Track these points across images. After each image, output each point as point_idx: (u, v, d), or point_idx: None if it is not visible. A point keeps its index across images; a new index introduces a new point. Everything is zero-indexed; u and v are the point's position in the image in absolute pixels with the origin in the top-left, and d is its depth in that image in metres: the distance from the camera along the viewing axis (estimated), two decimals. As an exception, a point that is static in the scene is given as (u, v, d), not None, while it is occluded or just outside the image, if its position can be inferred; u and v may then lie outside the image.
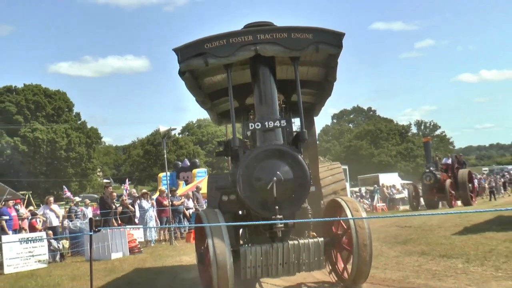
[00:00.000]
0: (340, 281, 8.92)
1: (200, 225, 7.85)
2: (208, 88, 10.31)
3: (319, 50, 8.12)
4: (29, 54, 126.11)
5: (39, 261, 15.72)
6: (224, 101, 11.08)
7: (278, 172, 7.63)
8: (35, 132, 70.87)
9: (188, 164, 37.71)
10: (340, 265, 9.01)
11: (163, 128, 24.07)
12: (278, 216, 7.55)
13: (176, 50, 7.97)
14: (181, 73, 8.22)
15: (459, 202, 29.41)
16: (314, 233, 8.55)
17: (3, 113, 70.99)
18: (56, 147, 72.20)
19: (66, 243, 18.22)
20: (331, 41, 8.10)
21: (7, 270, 14.91)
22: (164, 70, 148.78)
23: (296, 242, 7.88)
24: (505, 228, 13.61)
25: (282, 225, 7.74)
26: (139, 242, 19.02)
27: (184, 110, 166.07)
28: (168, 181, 26.74)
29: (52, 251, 16.96)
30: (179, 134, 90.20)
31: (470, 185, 30.29)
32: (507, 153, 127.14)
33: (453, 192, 28.78)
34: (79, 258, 16.51)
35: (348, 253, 8.47)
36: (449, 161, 32.24)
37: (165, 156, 23.69)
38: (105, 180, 37.98)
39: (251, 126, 8.16)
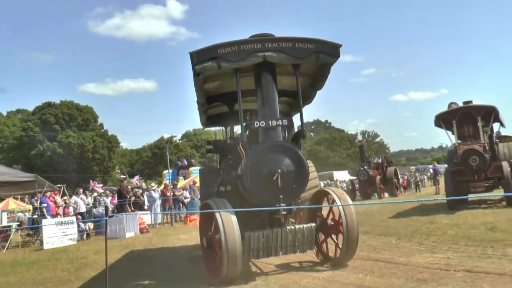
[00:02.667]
0: (326, 260, 8.25)
1: (208, 211, 7.18)
2: (207, 92, 9.33)
3: (319, 59, 7.52)
4: (64, 77, 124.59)
5: (70, 239, 15.72)
6: (215, 106, 10.36)
7: (282, 165, 7.11)
8: (69, 138, 70.06)
9: (186, 163, 37.51)
10: (325, 246, 8.37)
11: (166, 136, 24.28)
12: (282, 204, 7.09)
13: (192, 54, 7.16)
14: (196, 74, 7.42)
15: (387, 194, 29.44)
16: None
17: (44, 123, 70.06)
18: (84, 150, 71.47)
19: (91, 225, 18.21)
20: (330, 51, 7.54)
21: (46, 246, 14.92)
22: (168, 90, 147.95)
23: (292, 227, 7.40)
24: (426, 213, 13.92)
25: (285, 211, 7.36)
26: (147, 224, 18.98)
27: (183, 122, 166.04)
28: (170, 177, 26.77)
29: (80, 231, 16.95)
30: (179, 140, 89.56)
31: (396, 180, 30.53)
32: (428, 156, 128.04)
33: (382, 186, 29.02)
34: (100, 237, 16.51)
35: (336, 236, 7.93)
36: (380, 160, 32.26)
37: (168, 157, 23.87)
38: (121, 176, 37.59)
39: (256, 124, 7.44)
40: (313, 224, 7.66)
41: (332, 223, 8.01)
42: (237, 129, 11.36)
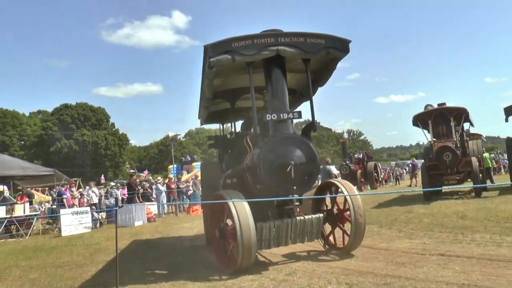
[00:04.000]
0: (331, 249, 7.71)
1: (221, 201, 6.48)
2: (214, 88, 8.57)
3: (329, 54, 7.03)
4: (79, 81, 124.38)
5: (85, 227, 15.68)
6: (217, 103, 9.66)
7: (295, 157, 6.63)
8: (84, 136, 70.05)
9: (189, 159, 37.45)
10: (330, 235, 7.82)
11: (171, 134, 24.26)
12: (295, 195, 6.67)
13: (206, 47, 6.60)
14: (210, 67, 6.75)
15: (368, 187, 29.27)
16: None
17: (62, 123, 69.99)
18: (98, 147, 71.46)
19: (103, 215, 18.20)
20: (340, 46, 7.05)
21: (63, 233, 14.88)
22: (173, 93, 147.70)
23: (302, 217, 6.88)
24: (405, 204, 13.86)
25: (298, 202, 6.98)
26: (154, 214, 18.94)
27: (186, 121, 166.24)
28: (175, 171, 26.70)
29: (94, 220, 16.92)
30: (182, 138, 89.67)
31: (375, 174, 30.43)
32: (407, 152, 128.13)
33: (363, 179, 28.93)
34: (112, 225, 16.45)
35: (342, 225, 7.51)
36: (361, 156, 31.97)
37: (173, 153, 23.76)
38: (131, 170, 37.55)
39: (268, 117, 6.86)
40: (321, 215, 7.20)
41: (337, 212, 7.60)
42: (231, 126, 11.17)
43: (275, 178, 6.62)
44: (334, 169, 18.88)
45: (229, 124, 10.99)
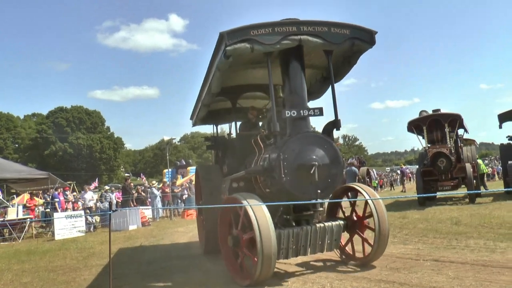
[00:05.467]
0: (349, 259, 7.03)
1: (237, 205, 5.71)
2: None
3: (354, 45, 6.38)
4: (75, 84, 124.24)
5: (79, 231, 15.62)
6: (216, 101, 8.73)
7: (318, 158, 5.98)
8: (79, 140, 69.95)
9: (184, 163, 37.40)
10: (348, 244, 7.12)
11: (166, 138, 24.41)
12: (319, 200, 6.07)
13: (223, 34, 5.82)
14: (226, 57, 5.93)
15: None
16: None
17: (57, 126, 69.92)
18: (93, 150, 71.36)
19: (97, 218, 18.15)
20: (365, 38, 6.40)
21: (57, 237, 14.82)
22: (169, 97, 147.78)
23: (322, 224, 6.23)
24: (399, 209, 13.90)
25: (322, 208, 6.44)
26: (148, 218, 18.94)
27: (182, 125, 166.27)
28: (170, 175, 26.69)
29: (88, 224, 16.89)
30: (178, 142, 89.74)
31: (368, 179, 30.39)
32: (402, 158, 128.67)
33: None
34: (106, 229, 16.41)
35: (362, 233, 6.83)
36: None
37: (168, 157, 23.78)
38: (126, 174, 37.45)
39: (287, 113, 6.17)
40: (341, 222, 6.56)
41: (356, 219, 6.89)
42: (225, 127, 10.81)
43: (298, 181, 5.92)
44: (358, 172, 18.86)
45: (220, 125, 10.61)
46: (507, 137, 17.69)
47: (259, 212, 5.54)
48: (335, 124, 6.58)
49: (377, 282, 5.58)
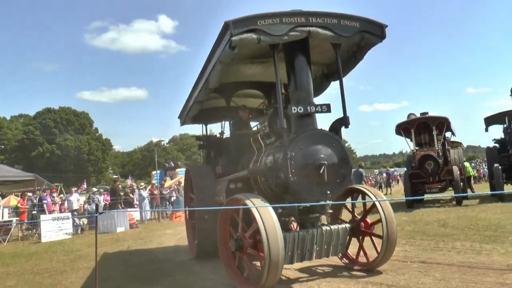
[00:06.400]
0: (352, 264, 6.75)
1: (244, 206, 5.32)
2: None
3: (364, 39, 6.05)
4: (63, 84, 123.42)
5: (66, 233, 15.47)
6: (210, 98, 8.25)
7: (327, 157, 5.60)
8: (67, 141, 69.33)
9: (173, 165, 37.18)
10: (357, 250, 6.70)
11: (155, 140, 24.53)
12: (328, 202, 5.68)
13: (228, 23, 5.39)
14: (232, 48, 5.50)
15: None
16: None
17: (44, 127, 69.30)
18: (81, 152, 70.77)
19: (85, 221, 17.98)
20: (376, 31, 6.10)
21: (43, 239, 14.67)
22: (158, 98, 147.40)
23: (328, 228, 5.91)
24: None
25: (332, 210, 6.11)
26: (136, 220, 18.81)
27: (170, 126, 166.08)
28: (158, 177, 26.55)
29: (75, 226, 16.74)
30: (166, 144, 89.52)
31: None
32: (390, 160, 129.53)
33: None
34: (93, 232, 16.18)
35: (363, 238, 6.60)
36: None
37: (156, 159, 23.67)
38: (114, 176, 37.09)
39: (294, 109, 5.79)
40: (348, 225, 6.24)
41: (362, 223, 6.57)
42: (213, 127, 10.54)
43: (306, 181, 5.57)
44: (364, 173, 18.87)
45: (206, 125, 10.21)
46: (493, 140, 17.92)
47: (266, 215, 5.18)
48: (343, 121, 6.22)
49: (365, 283, 5.61)
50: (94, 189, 24.43)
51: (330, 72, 7.48)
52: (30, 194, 18.61)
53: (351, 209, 6.88)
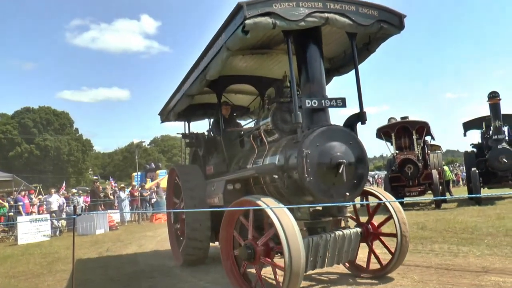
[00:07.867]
0: (360, 271, 6.35)
1: (255, 207, 4.79)
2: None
3: (382, 29, 5.58)
4: (43, 84, 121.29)
5: (44, 235, 15.26)
6: (203, 92, 7.89)
7: (344, 155, 5.12)
8: (46, 141, 68.14)
9: (154, 166, 36.94)
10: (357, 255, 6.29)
11: (136, 141, 24.52)
12: (347, 204, 5.31)
13: (241, 4, 4.82)
14: (245, 32, 4.89)
15: None
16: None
17: (23, 127, 67.98)
18: (60, 152, 69.62)
19: (64, 222, 17.73)
20: (394, 21, 5.65)
21: (20, 241, 14.42)
22: (140, 99, 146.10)
23: (341, 232, 5.39)
24: (367, 214, 14.11)
25: (349, 213, 5.72)
26: (116, 222, 18.63)
27: (152, 128, 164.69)
28: (139, 179, 26.32)
29: (53, 228, 16.50)
30: (148, 145, 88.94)
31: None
32: (371, 164, 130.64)
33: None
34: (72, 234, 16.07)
35: (372, 243, 6.34)
36: None
37: (137, 160, 23.47)
38: (94, 177, 36.61)
39: (308, 103, 5.30)
40: (359, 229, 5.89)
41: (371, 228, 6.34)
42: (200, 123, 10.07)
43: (323, 182, 5.07)
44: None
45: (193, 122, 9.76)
46: (470, 144, 18.26)
47: (284, 219, 4.60)
48: (360, 117, 5.74)
49: (342, 286, 5.66)
50: (74, 191, 24.15)
51: (333, 67, 7.10)
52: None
53: (355, 213, 6.61)
